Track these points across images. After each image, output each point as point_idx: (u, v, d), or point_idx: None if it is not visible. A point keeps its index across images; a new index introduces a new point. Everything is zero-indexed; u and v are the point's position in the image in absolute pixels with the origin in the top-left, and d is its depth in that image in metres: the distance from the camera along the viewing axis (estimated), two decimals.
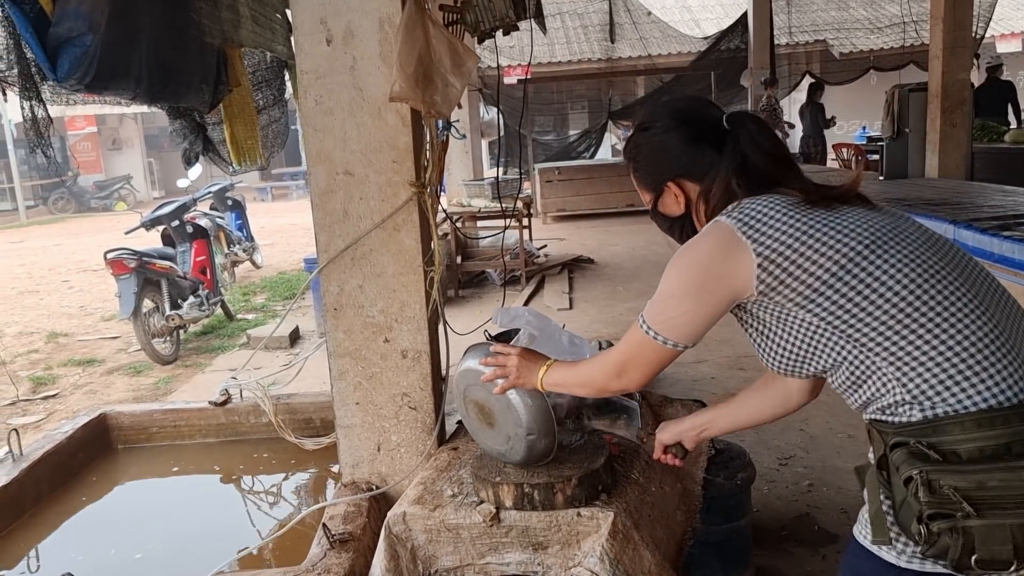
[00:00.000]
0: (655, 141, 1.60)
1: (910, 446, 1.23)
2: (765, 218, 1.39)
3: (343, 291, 2.32)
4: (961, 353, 1.25)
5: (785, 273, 1.35)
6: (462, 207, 8.21)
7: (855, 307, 1.31)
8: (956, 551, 1.17)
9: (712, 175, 1.52)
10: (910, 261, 1.32)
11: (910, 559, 1.30)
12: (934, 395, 1.25)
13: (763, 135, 1.52)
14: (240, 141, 4.00)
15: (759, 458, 3.28)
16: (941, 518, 1.17)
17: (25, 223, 18.96)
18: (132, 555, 2.47)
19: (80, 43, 2.49)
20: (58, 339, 7.27)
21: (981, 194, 5.84)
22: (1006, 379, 1.24)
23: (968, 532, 1.16)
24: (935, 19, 7.60)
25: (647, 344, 1.49)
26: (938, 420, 1.24)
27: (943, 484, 1.17)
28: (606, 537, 1.84)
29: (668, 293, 1.45)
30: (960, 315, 1.28)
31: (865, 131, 15.98)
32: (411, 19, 2.06)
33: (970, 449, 1.20)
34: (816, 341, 1.36)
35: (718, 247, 1.40)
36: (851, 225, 1.36)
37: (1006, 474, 1.16)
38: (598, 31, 15.90)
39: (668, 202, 1.60)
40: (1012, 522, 1.15)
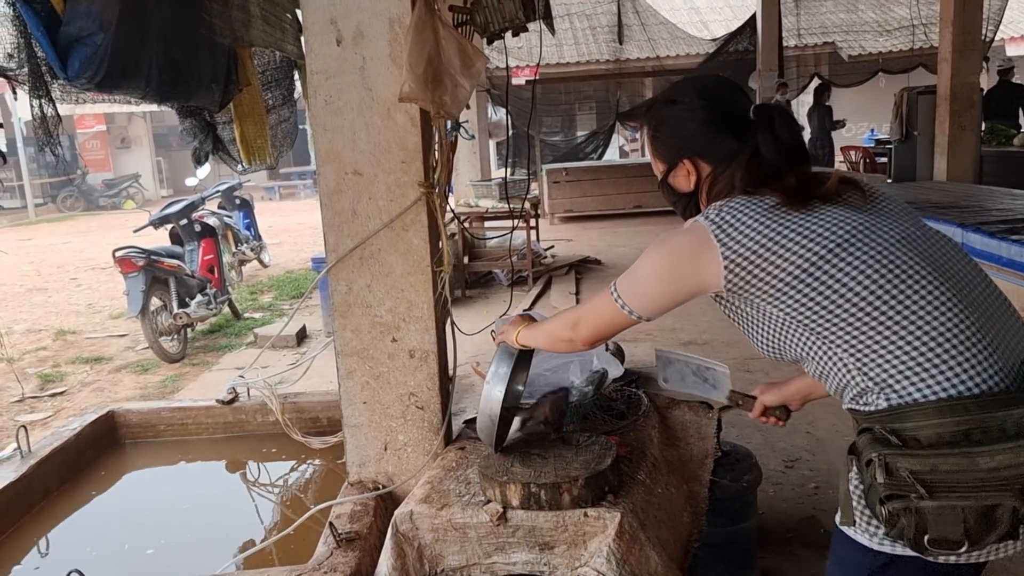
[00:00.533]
0: (680, 116, 1.63)
1: (874, 432, 1.31)
2: (738, 223, 1.46)
3: (351, 290, 2.32)
4: (923, 346, 1.32)
5: (750, 275, 1.44)
6: (470, 207, 8.21)
7: (816, 305, 1.39)
8: (911, 531, 1.25)
9: (726, 162, 1.57)
10: (878, 259, 1.38)
11: (881, 541, 1.37)
12: (896, 384, 1.32)
13: (785, 131, 1.55)
14: (250, 140, 4.02)
15: (765, 460, 3.28)
16: (896, 499, 1.25)
17: (34, 221, 19.05)
18: (144, 551, 2.48)
19: (91, 42, 2.51)
20: (66, 337, 7.30)
21: (990, 197, 5.83)
22: (969, 370, 1.30)
23: (921, 513, 1.23)
24: (944, 22, 7.59)
25: (609, 305, 1.62)
26: (902, 408, 1.30)
27: (899, 467, 1.25)
28: (613, 537, 1.84)
29: (640, 272, 1.59)
30: (926, 309, 1.34)
31: (873, 134, 15.95)
32: (421, 20, 2.06)
33: (930, 435, 1.26)
34: (785, 333, 1.46)
35: (691, 245, 1.51)
36: (820, 228, 1.42)
37: (960, 459, 1.23)
38: (606, 32, 15.91)
39: (679, 176, 1.66)
40: (964, 504, 1.22)
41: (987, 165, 8.36)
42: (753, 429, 4.00)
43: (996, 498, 1.22)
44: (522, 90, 13.46)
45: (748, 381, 4.62)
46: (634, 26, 15.80)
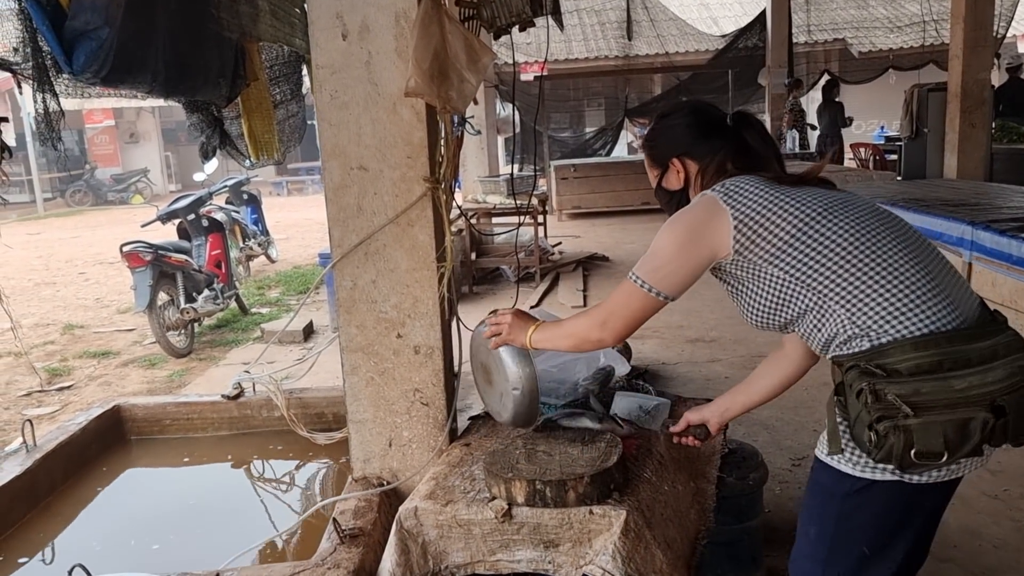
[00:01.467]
0: (671, 125, 1.93)
1: (861, 367, 1.50)
2: (742, 190, 1.69)
3: (356, 286, 2.32)
4: (898, 295, 1.54)
5: (755, 234, 1.64)
6: (477, 203, 8.20)
7: (812, 261, 1.60)
8: (899, 447, 1.43)
9: (711, 156, 1.84)
10: (856, 225, 1.63)
11: (863, 468, 1.57)
12: (878, 328, 1.53)
13: (764, 132, 1.88)
14: (258, 135, 4.01)
15: (772, 458, 3.26)
16: (886, 419, 1.44)
17: (43, 215, 19.13)
18: (148, 546, 2.48)
19: (96, 36, 2.50)
20: (74, 331, 7.32)
21: (1000, 195, 5.78)
22: (936, 313, 1.53)
23: (908, 430, 1.43)
24: (956, 18, 7.53)
25: (635, 293, 1.73)
26: (883, 346, 1.51)
27: (887, 392, 1.44)
28: (618, 535, 1.83)
29: (659, 248, 1.73)
30: (897, 265, 1.57)
31: (883, 131, 15.87)
32: (427, 14, 2.05)
33: (909, 366, 1.47)
34: (783, 293, 1.64)
35: (703, 212, 1.70)
36: (809, 198, 1.68)
37: (936, 383, 1.44)
38: (615, 28, 15.87)
39: (671, 177, 1.91)
40: (943, 419, 1.43)
41: (998, 163, 8.29)
42: (760, 427, 3.98)
43: (970, 412, 1.43)
44: (530, 86, 13.44)
45: None
46: (643, 22, 15.76)
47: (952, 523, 3.04)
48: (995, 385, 1.44)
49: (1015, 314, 4.36)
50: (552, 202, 12.16)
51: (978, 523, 3.05)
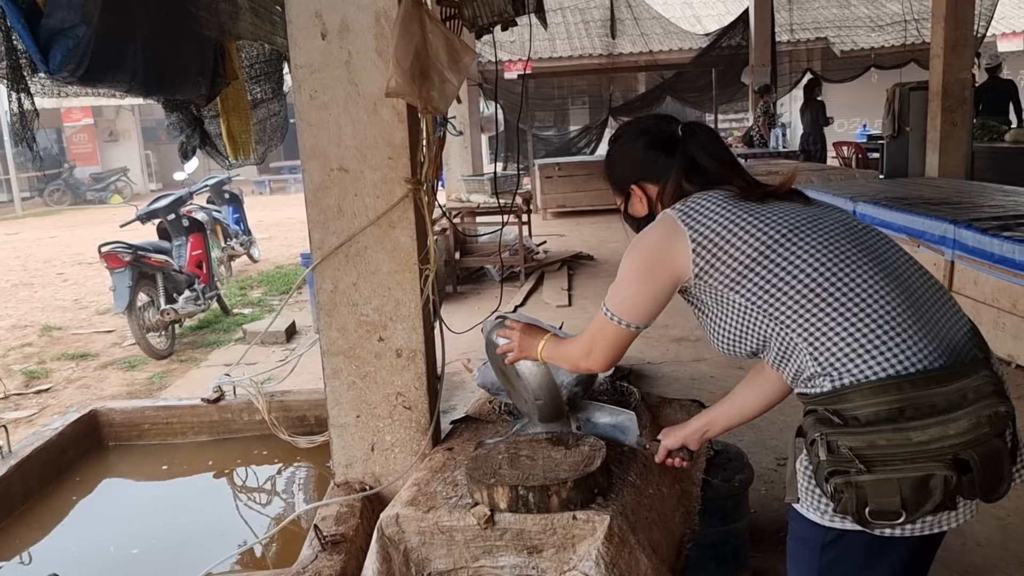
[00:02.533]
0: (623, 149, 1.86)
1: (818, 413, 1.39)
2: (703, 209, 1.60)
3: (337, 289, 2.29)
4: (863, 330, 1.40)
5: (715, 257, 1.54)
6: (461, 203, 8.17)
7: (775, 289, 1.48)
8: (852, 504, 1.34)
9: (666, 176, 1.73)
10: (823, 247, 1.49)
11: (832, 518, 1.44)
12: (840, 367, 1.40)
13: (711, 142, 1.76)
14: (235, 135, 3.97)
15: (757, 459, 3.25)
16: (839, 474, 1.34)
17: (21, 215, 18.91)
18: (127, 553, 2.44)
19: (73, 35, 2.45)
20: (52, 332, 7.23)
21: (981, 194, 5.82)
22: (904, 351, 1.38)
23: (861, 486, 1.32)
24: (936, 17, 7.58)
25: (607, 326, 1.69)
26: (843, 389, 1.38)
27: (840, 444, 1.34)
28: (602, 541, 1.81)
29: (621, 278, 1.67)
30: (865, 295, 1.43)
31: (865, 129, 15.94)
32: (408, 14, 2.02)
33: (867, 414, 1.34)
34: (746, 321, 1.53)
35: (661, 235, 1.62)
36: (774, 216, 1.55)
37: (893, 434, 1.31)
38: (599, 26, 15.87)
39: (635, 203, 1.82)
40: (898, 476, 1.31)
41: (979, 161, 8.37)
42: (745, 428, 3.98)
43: (929, 468, 1.30)
44: (514, 84, 13.41)
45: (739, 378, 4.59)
46: (627, 20, 15.76)
47: None
48: (958, 438, 1.30)
49: (997, 312, 4.39)
50: (536, 201, 12.14)
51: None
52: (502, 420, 2.46)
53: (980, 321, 4.52)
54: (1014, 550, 2.87)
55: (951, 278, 4.79)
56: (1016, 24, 16.10)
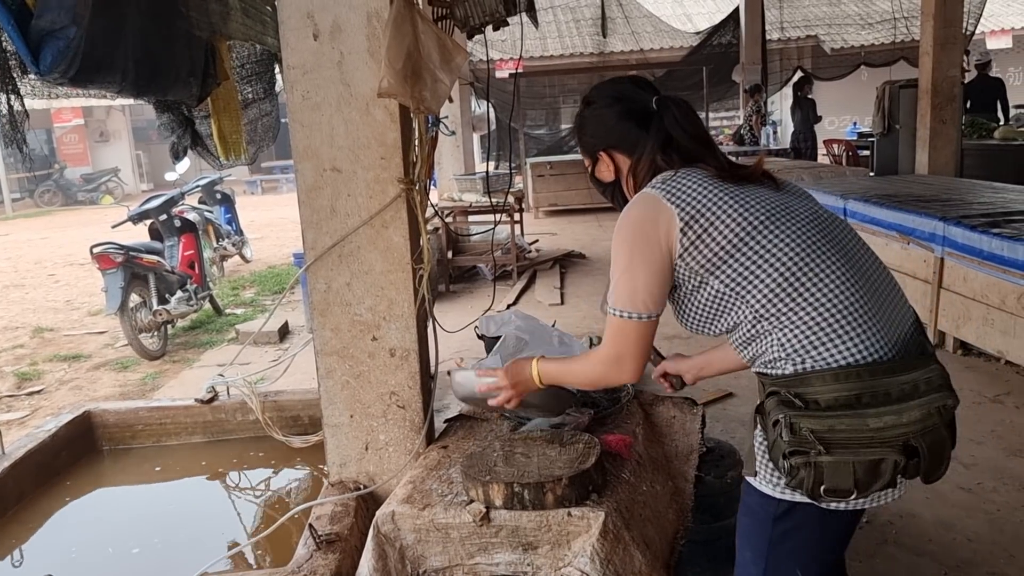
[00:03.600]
0: (596, 114, 1.82)
1: (780, 395, 1.47)
2: (687, 188, 1.61)
3: (330, 289, 2.29)
4: (828, 319, 1.48)
5: (699, 238, 1.56)
6: (453, 202, 8.17)
7: (751, 275, 1.53)
8: (809, 482, 1.42)
9: (640, 150, 1.73)
10: (796, 236, 1.55)
11: (783, 490, 1.54)
12: (804, 353, 1.48)
13: (687, 118, 1.73)
14: (226, 135, 3.96)
15: None
16: (799, 454, 1.42)
17: (11, 216, 18.82)
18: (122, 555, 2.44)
19: (63, 36, 2.45)
20: (44, 334, 7.20)
21: (971, 191, 5.85)
22: (863, 341, 1.47)
23: (819, 466, 1.41)
24: (926, 15, 7.62)
25: (626, 326, 1.63)
26: (805, 374, 1.46)
27: (802, 426, 1.42)
28: (596, 537, 1.82)
29: (621, 271, 1.62)
30: (831, 286, 1.50)
31: (856, 127, 16.01)
32: (400, 14, 2.03)
33: (828, 399, 1.43)
34: (721, 305, 1.58)
35: (648, 213, 1.61)
36: (752, 201, 1.59)
37: (852, 420, 1.40)
38: (590, 25, 15.88)
39: (602, 169, 1.83)
40: (854, 459, 1.40)
41: (968, 158, 8.40)
42: (738, 424, 4.00)
43: (881, 452, 1.40)
44: (506, 83, 13.41)
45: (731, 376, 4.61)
46: (618, 19, 15.78)
47: (927, 517, 3.08)
48: (910, 427, 1.41)
49: (986, 308, 4.42)
50: (528, 199, 12.15)
51: (952, 517, 3.08)
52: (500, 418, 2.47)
53: (970, 317, 4.56)
54: (1003, 544, 2.90)
55: (941, 275, 4.82)
56: (1005, 22, 16.18)
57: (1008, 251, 4.18)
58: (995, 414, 4.03)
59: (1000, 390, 4.31)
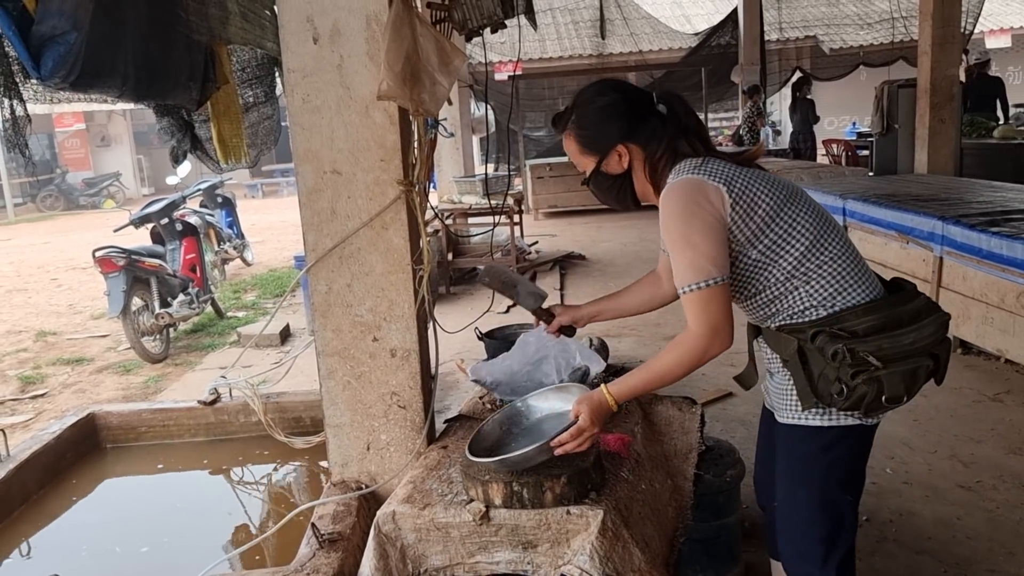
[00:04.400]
0: (604, 108, 1.88)
1: (827, 331, 1.71)
2: (722, 170, 1.78)
3: (331, 290, 2.31)
4: (844, 270, 1.78)
5: (747, 209, 1.75)
6: (453, 204, 8.19)
7: (785, 243, 1.77)
8: (872, 395, 1.68)
9: (658, 139, 1.84)
10: (810, 209, 1.82)
11: (830, 418, 1.79)
12: (832, 298, 1.76)
13: (690, 111, 1.90)
14: (226, 139, 3.98)
15: (749, 455, 3.27)
16: (862, 373, 1.67)
17: (13, 221, 18.84)
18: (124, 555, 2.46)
19: (64, 41, 2.47)
20: (47, 338, 7.23)
21: (970, 190, 5.86)
22: (869, 283, 1.80)
23: (879, 380, 1.68)
24: (924, 15, 7.63)
25: (710, 294, 1.72)
26: (838, 314, 1.74)
27: (859, 351, 1.67)
28: (596, 535, 1.84)
29: (685, 245, 1.73)
30: (839, 246, 1.80)
31: (855, 127, 16.03)
32: (398, 17, 2.05)
33: (864, 327, 1.71)
34: (755, 271, 1.80)
35: (698, 190, 1.74)
36: (773, 181, 1.83)
37: (891, 340, 1.70)
38: (589, 27, 15.90)
39: (612, 163, 1.90)
40: (901, 368, 1.69)
41: (967, 158, 8.41)
42: (737, 423, 4.02)
43: (918, 361, 1.71)
44: (505, 85, 13.43)
45: (731, 375, 4.62)
46: (616, 21, 15.80)
47: (926, 514, 3.09)
48: (931, 338, 1.73)
49: (986, 307, 4.43)
50: (528, 201, 12.17)
51: (952, 514, 3.10)
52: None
53: (969, 316, 4.57)
54: (1002, 541, 2.91)
55: (940, 274, 4.83)
56: (1003, 21, 16.20)
57: (1007, 250, 4.19)
58: (995, 412, 4.04)
59: (1000, 388, 4.32)
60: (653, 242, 9.40)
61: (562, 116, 1.96)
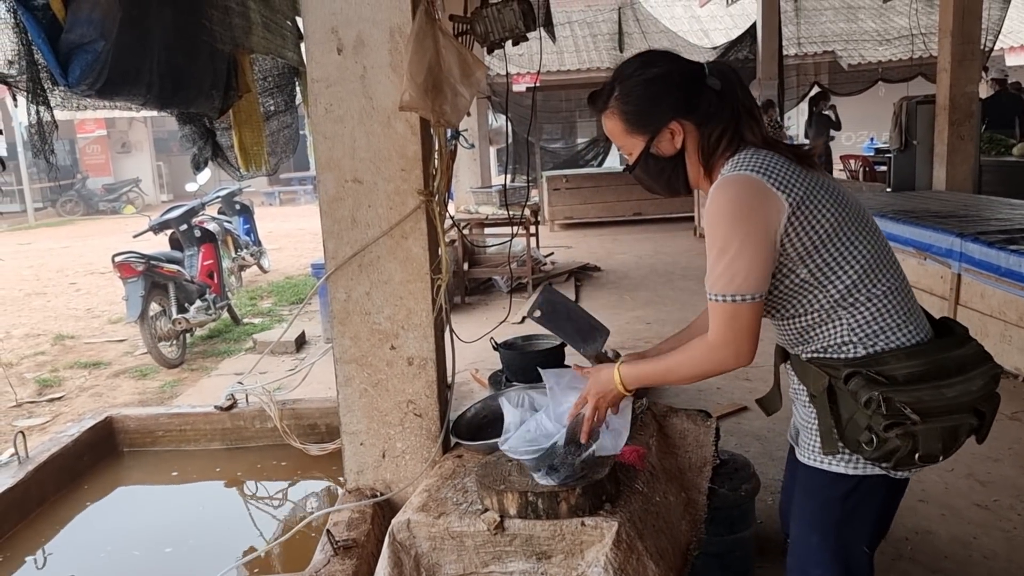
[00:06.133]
0: (655, 79, 1.65)
1: (863, 374, 1.55)
2: (785, 173, 1.57)
3: (350, 298, 2.33)
4: (893, 306, 1.61)
5: (804, 223, 1.56)
6: (469, 214, 8.22)
7: (837, 266, 1.59)
8: (904, 451, 1.52)
9: (713, 117, 1.63)
10: (870, 233, 1.64)
11: (855, 466, 1.65)
12: (875, 336, 1.60)
13: (748, 94, 1.70)
14: (247, 147, 4.02)
15: (764, 469, 3.27)
16: (897, 425, 1.51)
17: (34, 225, 19.05)
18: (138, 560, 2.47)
19: (91, 49, 2.52)
20: (65, 341, 7.29)
21: (988, 207, 5.83)
22: (918, 324, 1.64)
23: (915, 435, 1.52)
24: (944, 32, 7.61)
25: (739, 310, 1.57)
26: (879, 354, 1.58)
27: (896, 401, 1.51)
28: (610, 547, 1.84)
29: (728, 252, 1.54)
30: (893, 278, 1.63)
31: (873, 142, 15.97)
32: (421, 29, 2.07)
33: (904, 374, 1.55)
34: (799, 292, 1.62)
35: (755, 194, 1.54)
36: (838, 193, 1.63)
37: (932, 391, 1.53)
38: (607, 40, 15.93)
39: (663, 143, 1.67)
40: (940, 424, 1.53)
41: (986, 175, 8.36)
42: (752, 438, 4.00)
43: (960, 418, 1.55)
44: (522, 97, 13.48)
45: (746, 389, 4.62)
46: (635, 34, 15.83)
47: (943, 534, 3.07)
48: (978, 393, 1.56)
49: (1004, 325, 4.40)
50: (544, 212, 12.19)
51: (968, 534, 3.07)
52: None
53: (987, 334, 4.54)
54: (1020, 562, 2.88)
55: (958, 291, 4.81)
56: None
57: None
58: (1013, 432, 4.01)
59: (1018, 407, 4.29)
60: (669, 255, 9.39)
61: (602, 93, 1.73)
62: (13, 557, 2.42)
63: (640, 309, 7.03)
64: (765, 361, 1.97)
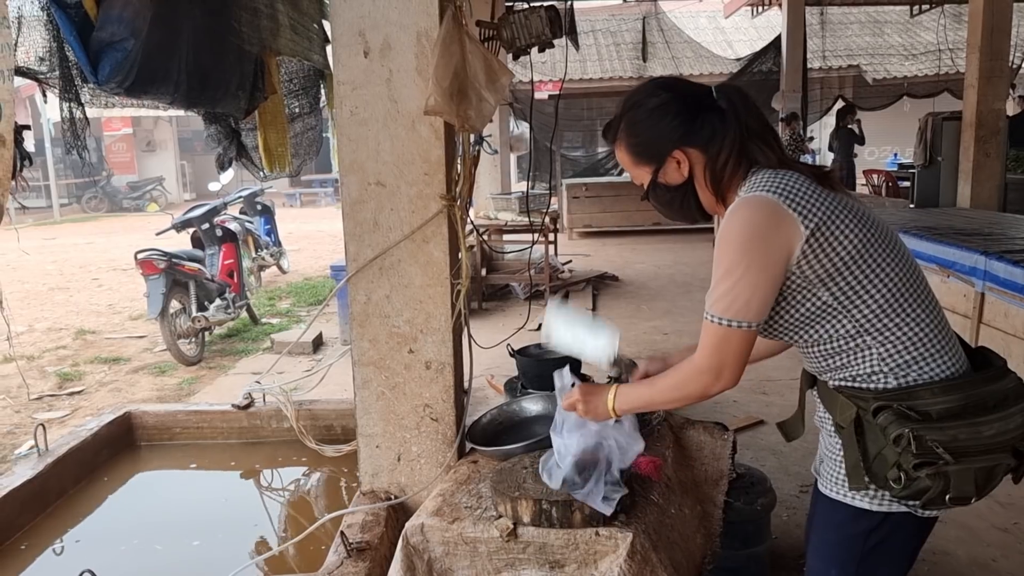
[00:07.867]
0: (655, 111, 1.64)
1: (894, 408, 1.46)
2: (802, 194, 1.50)
3: (370, 300, 2.33)
4: (926, 336, 1.52)
5: (824, 246, 1.49)
6: (489, 220, 8.23)
7: (863, 290, 1.51)
8: (935, 492, 1.44)
9: (717, 141, 1.60)
10: (899, 256, 1.55)
11: (880, 503, 1.55)
12: (907, 367, 1.51)
13: (754, 114, 1.64)
14: (272, 148, 4.05)
15: (780, 484, 3.25)
16: (928, 465, 1.42)
17: (59, 220, 19.27)
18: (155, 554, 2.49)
19: (122, 48, 2.55)
20: (86, 336, 7.37)
21: (1014, 225, 5.76)
22: (954, 355, 1.54)
23: (947, 476, 1.43)
24: (971, 48, 7.54)
25: (732, 336, 1.52)
26: (911, 387, 1.49)
27: (928, 439, 1.42)
28: (624, 558, 1.82)
29: (732, 274, 1.49)
30: (925, 306, 1.54)
31: (897, 158, 15.84)
32: (448, 34, 2.08)
33: (939, 410, 1.45)
34: (822, 316, 1.54)
35: (770, 218, 1.49)
36: (862, 214, 1.54)
37: (968, 429, 1.44)
38: (630, 49, 15.95)
39: (670, 172, 1.66)
40: (976, 465, 1.44)
41: (1011, 193, 8.26)
42: (768, 452, 3.97)
43: (997, 458, 1.46)
44: (544, 104, 13.50)
45: (763, 403, 4.59)
46: (658, 44, 15.84)
47: (962, 556, 3.02)
48: (1016, 431, 1.46)
49: None
50: (563, 220, 12.18)
51: (988, 556, 3.03)
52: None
53: (1011, 354, 4.47)
54: None
55: (981, 310, 4.75)
56: None
57: None
58: None
59: None
60: (688, 265, 9.36)
61: (612, 125, 1.73)
62: (32, 550, 2.44)
63: (657, 319, 7.00)
64: (782, 375, 1.94)
